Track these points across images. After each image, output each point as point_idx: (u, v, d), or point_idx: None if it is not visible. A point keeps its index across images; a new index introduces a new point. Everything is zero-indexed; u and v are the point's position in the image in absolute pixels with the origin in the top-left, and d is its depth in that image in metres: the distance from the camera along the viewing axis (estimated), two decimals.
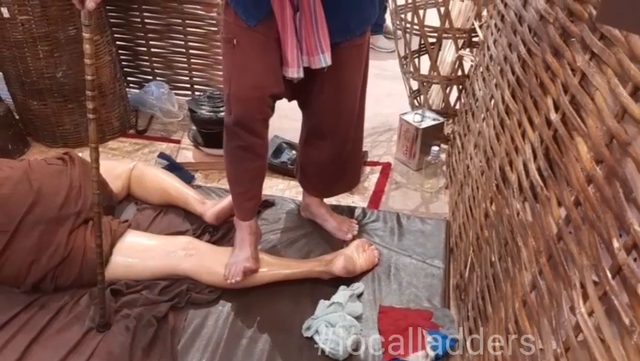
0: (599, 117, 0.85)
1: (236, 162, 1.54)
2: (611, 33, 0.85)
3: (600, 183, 0.80)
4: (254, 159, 1.52)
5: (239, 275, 1.51)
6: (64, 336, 1.43)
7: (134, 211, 1.89)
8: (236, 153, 1.52)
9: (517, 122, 1.31)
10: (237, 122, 1.44)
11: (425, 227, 1.87)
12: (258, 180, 1.60)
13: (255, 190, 1.60)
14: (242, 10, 1.35)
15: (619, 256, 0.70)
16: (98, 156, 1.31)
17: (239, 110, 1.42)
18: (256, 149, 1.51)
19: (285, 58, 1.39)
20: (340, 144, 1.66)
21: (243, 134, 1.46)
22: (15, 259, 1.48)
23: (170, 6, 2.54)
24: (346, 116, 1.61)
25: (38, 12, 2.10)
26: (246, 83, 1.40)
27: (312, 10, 1.34)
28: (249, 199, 1.59)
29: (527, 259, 1.06)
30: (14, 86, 2.35)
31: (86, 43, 1.20)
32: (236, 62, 1.41)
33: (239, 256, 1.55)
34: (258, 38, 1.37)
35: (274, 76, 1.41)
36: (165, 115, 2.65)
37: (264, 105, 1.44)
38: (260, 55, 1.39)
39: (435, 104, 2.50)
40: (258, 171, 1.58)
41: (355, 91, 1.58)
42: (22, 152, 2.41)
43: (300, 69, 1.40)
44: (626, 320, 0.66)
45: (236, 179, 1.58)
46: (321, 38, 1.37)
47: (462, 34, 2.25)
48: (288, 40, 1.36)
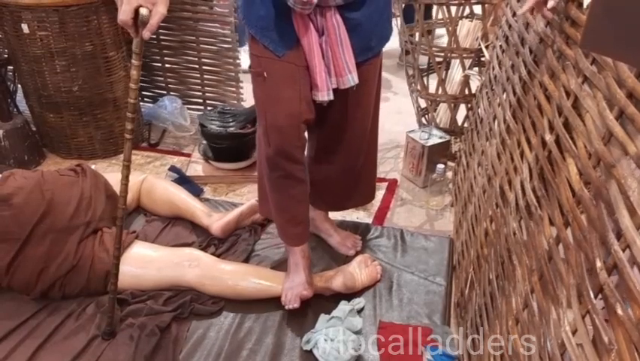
0: (588, 139, 0.87)
1: (281, 190, 1.54)
2: (602, 58, 0.88)
3: (587, 203, 0.82)
4: (296, 185, 1.52)
5: (297, 302, 1.52)
6: (70, 343, 1.46)
7: (142, 223, 1.93)
8: (280, 182, 1.52)
9: (517, 141, 1.33)
10: (278, 152, 1.44)
11: (428, 244, 1.89)
12: (303, 205, 1.59)
13: (301, 215, 1.59)
14: (269, 42, 1.38)
15: (600, 275, 0.71)
16: (128, 173, 1.33)
17: (277, 140, 1.43)
18: (298, 175, 1.51)
19: (314, 83, 1.41)
20: (353, 159, 1.68)
21: (284, 163, 1.46)
22: (25, 267, 1.53)
23: (185, 23, 2.61)
24: (360, 131, 1.63)
25: (57, 28, 2.18)
26: (280, 112, 1.41)
27: (337, 32, 1.36)
28: (296, 225, 1.59)
29: (521, 277, 1.08)
30: (32, 98, 2.43)
31: (133, 70, 1.23)
32: (269, 94, 1.43)
33: (294, 280, 1.56)
34: (287, 67, 1.39)
35: (306, 103, 1.43)
36: (177, 129, 2.71)
37: (300, 132, 1.45)
38: (291, 83, 1.40)
39: (443, 122, 2.52)
40: (302, 196, 1.57)
41: (370, 107, 1.61)
42: (37, 163, 2.48)
43: (330, 92, 1.42)
44: (605, 338, 0.67)
45: (282, 206, 1.58)
46: (347, 59, 1.39)
47: (469, 54, 2.28)
48: (316, 64, 1.38)
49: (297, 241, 1.60)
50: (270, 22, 1.36)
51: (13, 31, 2.21)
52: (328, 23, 1.35)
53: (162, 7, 1.18)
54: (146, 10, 1.17)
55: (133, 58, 1.23)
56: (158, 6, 1.17)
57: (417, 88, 2.46)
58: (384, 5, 1.45)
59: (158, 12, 1.17)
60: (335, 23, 1.35)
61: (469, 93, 2.32)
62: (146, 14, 1.17)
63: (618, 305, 0.66)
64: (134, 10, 1.17)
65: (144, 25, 1.18)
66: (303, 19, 1.34)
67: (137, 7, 1.17)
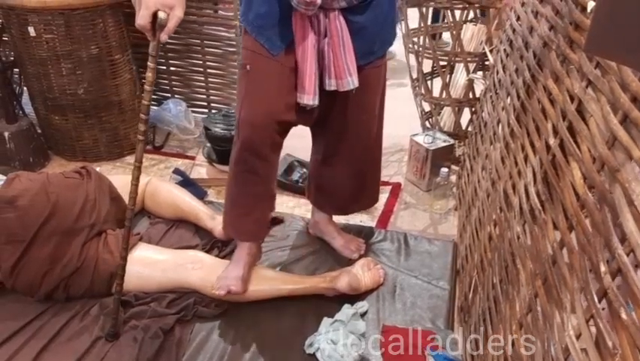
0: (592, 143, 0.87)
1: (241, 185, 1.55)
2: (606, 61, 0.88)
3: (591, 208, 0.82)
4: (259, 182, 1.53)
5: (223, 290, 1.53)
6: (73, 344, 1.47)
7: (146, 225, 1.94)
8: (242, 177, 1.52)
9: (521, 145, 1.32)
10: (245, 147, 1.46)
11: (432, 248, 1.89)
12: (262, 205, 1.59)
13: (257, 214, 1.59)
14: (264, 40, 1.38)
15: (604, 279, 0.71)
16: (139, 175, 1.34)
17: (247, 134, 1.44)
18: (261, 172, 1.51)
19: (301, 85, 1.40)
20: (359, 163, 1.69)
21: (249, 159, 1.47)
22: (30, 268, 1.53)
23: (190, 27, 2.63)
24: (365, 136, 1.63)
25: (63, 31, 2.19)
26: (256, 109, 1.42)
27: (340, 35, 1.37)
28: (252, 222, 1.59)
29: (525, 281, 1.07)
30: (37, 101, 2.44)
31: (149, 72, 1.25)
32: (249, 89, 1.44)
33: (230, 272, 1.56)
34: (275, 66, 1.40)
35: (286, 103, 1.42)
36: (182, 132, 2.72)
37: (272, 132, 1.44)
38: (274, 82, 1.41)
39: (447, 126, 2.52)
40: (263, 196, 1.57)
41: (374, 111, 1.61)
42: (42, 165, 2.49)
43: (316, 97, 1.41)
44: (609, 342, 0.67)
45: (238, 201, 1.58)
46: (349, 62, 1.39)
47: (473, 58, 2.28)
48: (307, 68, 1.38)
49: (247, 237, 1.61)
50: (268, 21, 1.36)
51: (20, 34, 2.22)
52: (332, 25, 1.36)
53: (179, 10, 1.21)
54: (164, 14, 1.19)
55: (149, 60, 1.24)
56: (176, 10, 1.20)
57: (421, 92, 2.46)
58: (389, 9, 1.46)
59: (175, 16, 1.20)
60: (338, 25, 1.36)
61: (473, 97, 2.32)
62: (164, 17, 1.19)
63: (622, 310, 0.66)
64: (152, 15, 1.19)
65: (162, 28, 1.20)
66: (303, 20, 1.35)
67: (155, 11, 1.19)
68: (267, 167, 1.51)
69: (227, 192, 1.61)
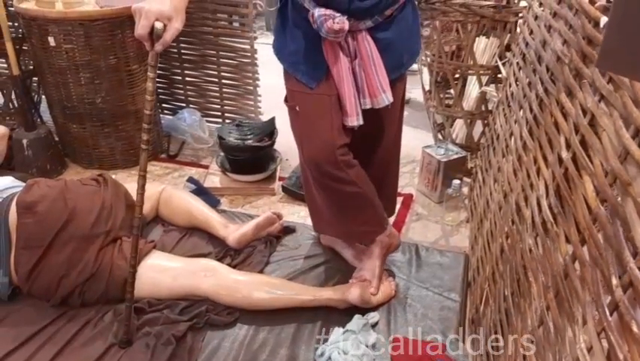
0: (605, 157, 0.87)
1: (329, 193, 1.56)
2: (618, 77, 0.89)
3: (603, 221, 0.82)
4: (345, 186, 1.52)
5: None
6: (87, 350, 1.48)
7: (160, 232, 1.96)
8: (325, 186, 1.54)
9: (533, 158, 1.33)
10: (321, 179, 1.51)
11: (443, 260, 1.88)
12: (364, 206, 1.60)
13: (363, 217, 1.62)
14: (301, 75, 1.42)
15: (616, 293, 0.71)
16: (144, 183, 1.36)
17: (315, 171, 1.49)
18: (344, 179, 1.51)
19: (344, 110, 1.43)
20: (377, 173, 1.69)
21: (331, 184, 1.51)
22: (47, 273, 1.56)
23: (206, 38, 2.67)
24: (387, 143, 1.66)
25: (82, 42, 2.24)
26: (315, 144, 1.46)
27: (369, 54, 1.39)
28: (361, 224, 1.63)
29: (537, 294, 1.08)
30: (56, 109, 2.49)
31: (149, 82, 1.26)
32: (303, 127, 1.48)
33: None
34: (319, 99, 1.43)
35: (338, 130, 1.45)
36: (196, 141, 2.75)
37: (336, 158, 1.46)
38: (322, 115, 1.44)
39: (459, 138, 2.52)
40: (356, 196, 1.56)
41: (395, 121, 1.63)
42: (59, 172, 2.53)
43: (359, 117, 1.44)
44: (620, 355, 0.67)
45: (334, 209, 1.61)
46: (381, 79, 1.41)
47: (486, 70, 2.29)
48: (345, 92, 1.41)
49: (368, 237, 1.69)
50: (300, 57, 1.40)
51: (40, 44, 2.27)
52: (360, 46, 1.38)
53: (177, 23, 1.20)
54: (161, 25, 1.19)
55: (148, 70, 1.26)
56: (174, 22, 1.20)
57: (433, 104, 2.47)
58: (413, 20, 1.48)
59: (172, 27, 1.20)
60: (367, 45, 1.38)
61: (485, 109, 2.33)
62: (160, 28, 1.20)
63: (634, 323, 0.67)
64: (151, 25, 1.20)
65: (158, 38, 1.21)
66: (333, 46, 1.37)
67: (155, 21, 1.20)
68: (350, 175, 1.51)
69: (327, 211, 1.63)
